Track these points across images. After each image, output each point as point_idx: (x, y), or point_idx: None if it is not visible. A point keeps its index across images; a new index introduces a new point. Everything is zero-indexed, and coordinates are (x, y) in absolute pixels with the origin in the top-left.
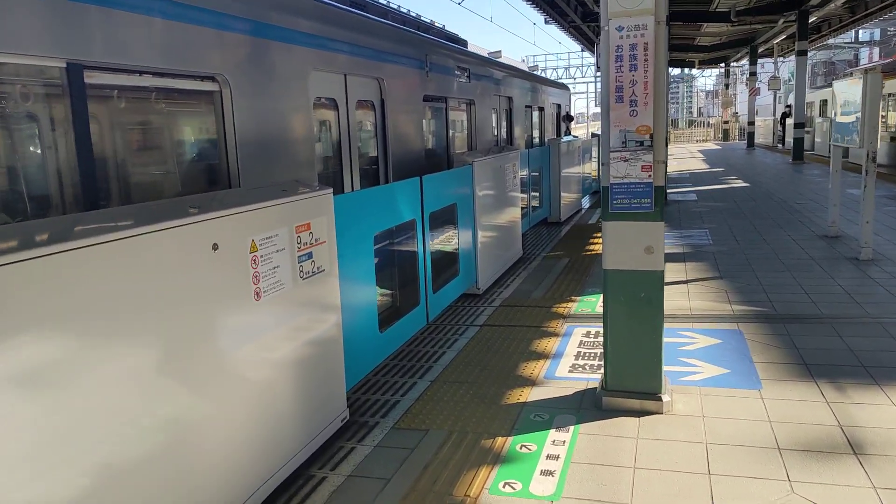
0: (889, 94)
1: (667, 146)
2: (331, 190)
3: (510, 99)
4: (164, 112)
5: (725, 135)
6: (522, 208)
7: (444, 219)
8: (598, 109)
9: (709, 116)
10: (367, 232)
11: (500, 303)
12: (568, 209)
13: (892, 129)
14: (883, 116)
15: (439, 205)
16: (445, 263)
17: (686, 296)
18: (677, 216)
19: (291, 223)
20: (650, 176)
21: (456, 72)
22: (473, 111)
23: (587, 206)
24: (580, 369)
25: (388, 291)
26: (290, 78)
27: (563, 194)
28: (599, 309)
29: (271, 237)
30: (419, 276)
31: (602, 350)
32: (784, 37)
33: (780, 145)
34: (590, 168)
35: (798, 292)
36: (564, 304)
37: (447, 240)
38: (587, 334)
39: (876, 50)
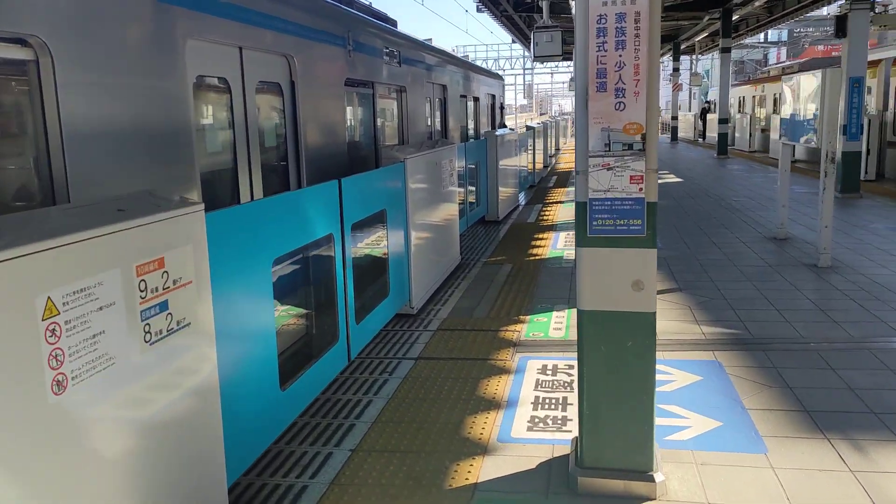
0: None
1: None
2: (200, 206)
3: (444, 87)
4: None
5: None
6: (459, 207)
7: (370, 228)
8: (526, 101)
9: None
10: (263, 258)
11: (438, 325)
12: (506, 206)
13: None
14: None
15: (364, 212)
16: (372, 283)
17: None
18: None
19: (130, 262)
20: (641, 190)
21: (385, 53)
22: (405, 99)
23: (524, 201)
24: (541, 424)
25: (296, 330)
26: (154, 47)
27: (501, 190)
28: (554, 333)
29: (88, 289)
30: (337, 306)
31: (564, 393)
32: (706, 34)
33: (700, 139)
34: (526, 161)
35: (767, 308)
36: (513, 327)
37: (374, 254)
38: (544, 370)
39: (784, 50)
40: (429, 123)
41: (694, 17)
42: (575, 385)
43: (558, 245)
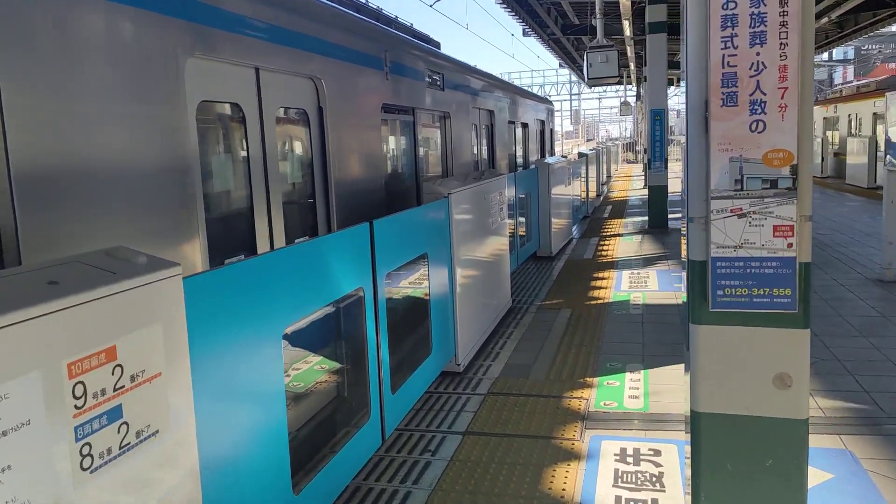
0: None
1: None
2: (175, 270)
3: (491, 113)
4: None
5: None
6: (509, 243)
7: (409, 276)
8: (572, 127)
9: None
10: (270, 329)
11: (489, 387)
12: (559, 240)
13: None
14: None
15: (402, 259)
16: (411, 340)
17: None
18: None
19: (56, 359)
20: (791, 246)
21: (426, 77)
22: (448, 127)
23: (578, 234)
24: None
25: (315, 407)
26: (139, 67)
27: (553, 223)
28: (630, 402)
29: None
30: (369, 375)
31: (654, 493)
32: None
33: None
34: (579, 190)
35: (894, 373)
36: (578, 392)
37: (414, 305)
38: (623, 455)
39: (850, 69)
40: (475, 152)
41: None
42: (667, 481)
43: (622, 286)
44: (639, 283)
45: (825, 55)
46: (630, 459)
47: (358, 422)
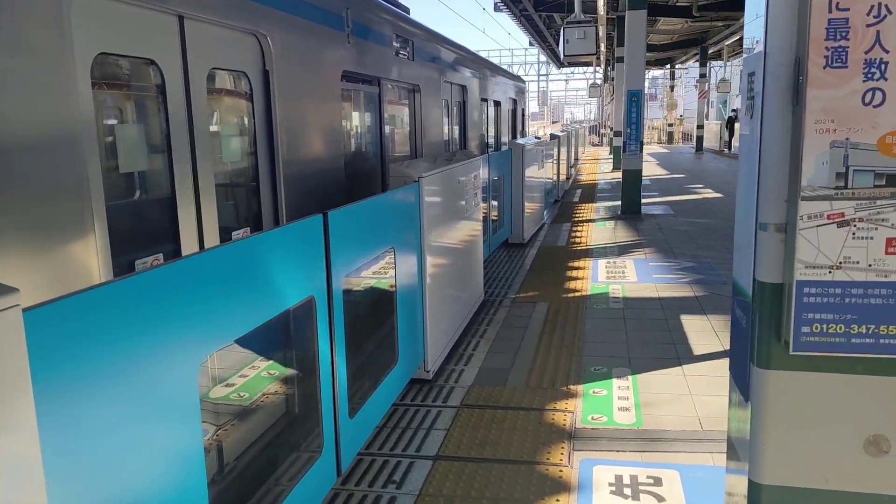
0: None
1: (643, 149)
2: (10, 298)
3: (464, 89)
4: None
5: (670, 138)
6: (482, 231)
7: (373, 275)
8: (538, 109)
9: (651, 119)
10: (180, 364)
11: (462, 397)
12: (532, 225)
13: None
14: None
15: (363, 256)
16: (374, 349)
17: None
18: (663, 237)
19: None
20: None
21: (395, 43)
22: (418, 102)
23: (549, 219)
24: None
25: (248, 446)
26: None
27: (527, 208)
28: (620, 416)
29: None
30: (320, 402)
31: None
32: (737, 38)
33: (727, 150)
34: (551, 172)
35: None
36: (562, 404)
37: (378, 308)
38: (619, 486)
39: None
40: (446, 131)
41: (730, 17)
42: None
43: (600, 277)
44: (616, 273)
45: None
46: (627, 491)
47: (307, 461)
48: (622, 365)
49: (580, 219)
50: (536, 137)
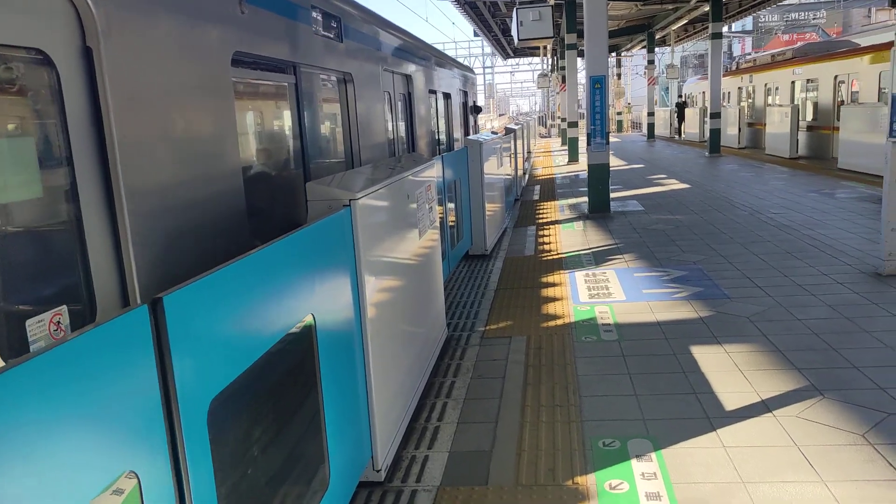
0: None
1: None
2: None
3: (408, 79)
4: None
5: (619, 126)
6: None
7: (278, 364)
8: (485, 102)
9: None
10: None
11: None
12: (494, 232)
13: None
14: None
15: (248, 351)
16: (286, 462)
17: (800, 456)
18: (640, 239)
19: None
20: None
21: (316, 19)
22: (352, 95)
23: (511, 222)
24: None
25: None
26: None
27: (488, 214)
28: None
29: None
30: None
31: None
32: (685, 21)
33: (677, 136)
34: (510, 171)
35: None
36: None
37: (290, 415)
38: None
39: (749, 40)
40: (389, 129)
41: (677, 0)
42: None
43: (581, 296)
44: (599, 290)
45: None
46: None
47: None
48: (638, 432)
49: (545, 220)
50: (492, 132)
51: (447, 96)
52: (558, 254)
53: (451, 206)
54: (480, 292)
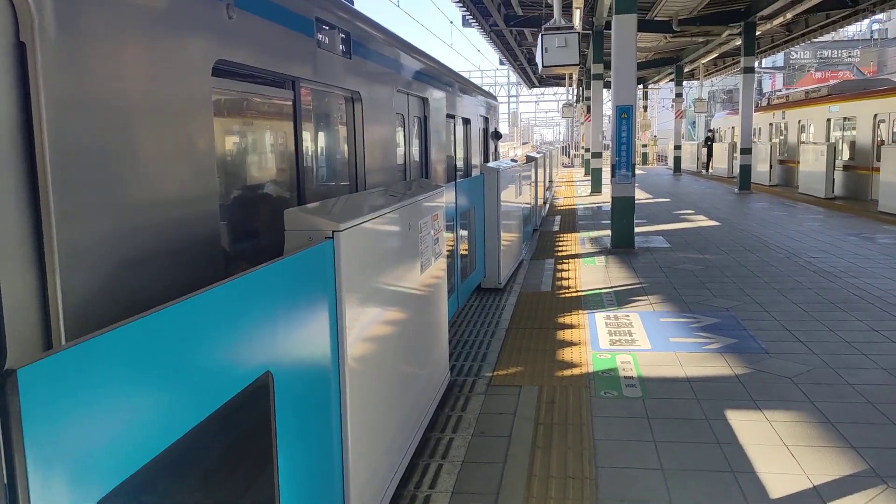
0: (845, 119)
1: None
2: None
3: (425, 102)
4: None
5: (644, 159)
6: (448, 281)
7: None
8: (509, 130)
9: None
10: None
11: None
12: (509, 264)
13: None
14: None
15: (137, 460)
16: None
17: None
18: (666, 279)
19: None
20: None
21: (321, 31)
22: (359, 115)
23: (528, 254)
24: None
25: None
26: None
27: (503, 245)
28: None
29: None
30: None
31: None
32: (716, 55)
33: (704, 171)
34: (528, 197)
35: None
36: None
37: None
38: None
39: (779, 77)
40: (401, 153)
41: (707, 32)
42: None
43: (601, 342)
44: (622, 335)
45: (756, 63)
46: None
47: None
48: None
49: (564, 253)
50: (513, 160)
51: (467, 121)
52: (577, 291)
53: (463, 234)
54: (491, 330)
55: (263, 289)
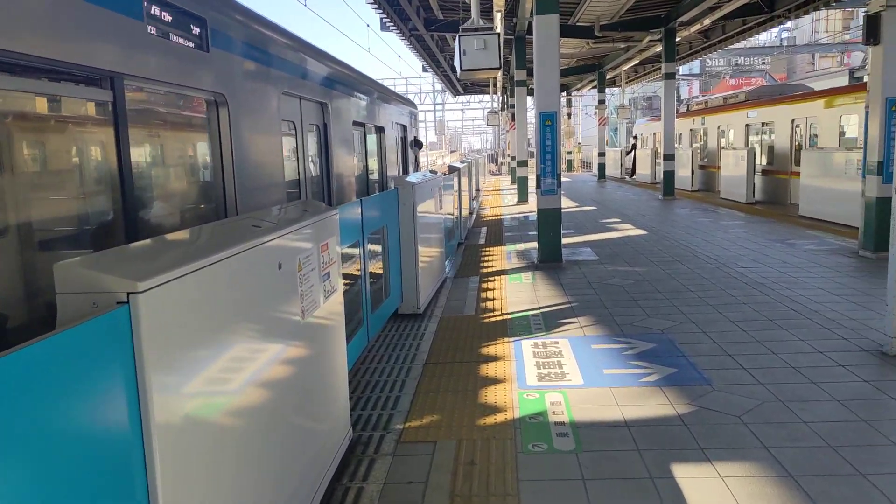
0: (764, 124)
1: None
2: None
3: (323, 107)
4: None
5: (570, 165)
6: (355, 314)
7: None
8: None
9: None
10: None
11: None
12: (429, 285)
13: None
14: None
15: None
16: None
17: None
18: (596, 297)
19: None
20: None
21: (153, 12)
22: (224, 122)
23: (452, 271)
24: None
25: None
26: None
27: (421, 266)
28: None
29: None
30: None
31: None
32: (636, 62)
33: (627, 177)
34: (451, 212)
35: None
36: None
37: None
38: None
39: (696, 83)
40: (290, 169)
41: (629, 38)
42: None
43: (528, 377)
44: (551, 367)
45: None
46: None
47: None
48: None
49: (490, 269)
50: (432, 171)
51: (380, 129)
52: (503, 314)
53: (376, 255)
54: (406, 367)
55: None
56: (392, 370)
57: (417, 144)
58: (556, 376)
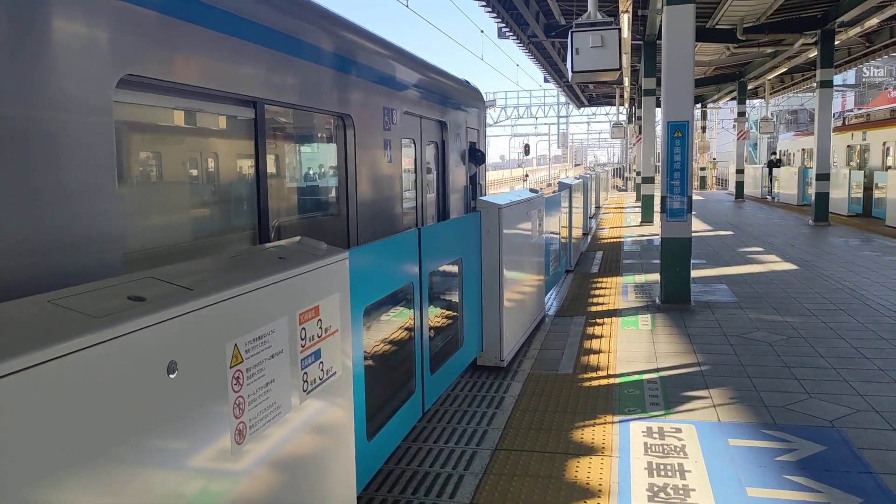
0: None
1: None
2: None
3: (442, 126)
4: None
5: (703, 183)
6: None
7: None
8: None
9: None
10: None
11: None
12: (516, 335)
13: None
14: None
15: None
16: None
17: None
18: (735, 358)
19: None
20: None
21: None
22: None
23: (554, 307)
24: None
25: None
26: None
27: (507, 308)
28: None
29: None
30: None
31: None
32: (783, 70)
33: (769, 197)
34: (559, 228)
35: None
36: None
37: None
38: None
39: (850, 95)
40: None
41: (777, 42)
42: None
43: (634, 493)
44: (668, 476)
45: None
46: None
47: None
48: None
49: (600, 307)
50: (532, 191)
51: (442, 125)
52: (610, 375)
53: (444, 291)
54: (469, 452)
55: None
56: (449, 457)
57: (476, 157)
58: (674, 492)
